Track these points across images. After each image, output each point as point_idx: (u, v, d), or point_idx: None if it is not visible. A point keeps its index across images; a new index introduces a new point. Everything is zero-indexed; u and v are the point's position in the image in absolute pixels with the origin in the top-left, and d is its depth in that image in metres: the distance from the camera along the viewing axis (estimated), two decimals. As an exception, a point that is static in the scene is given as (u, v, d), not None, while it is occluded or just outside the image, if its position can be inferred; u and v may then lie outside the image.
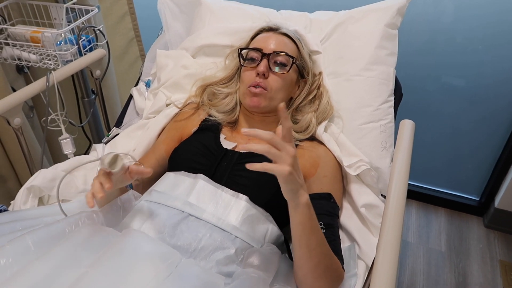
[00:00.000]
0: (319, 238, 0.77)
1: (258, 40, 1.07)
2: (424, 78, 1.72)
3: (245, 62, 1.04)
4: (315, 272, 0.77)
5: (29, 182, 1.03)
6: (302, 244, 0.76)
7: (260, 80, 0.99)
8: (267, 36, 1.06)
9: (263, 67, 0.98)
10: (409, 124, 0.99)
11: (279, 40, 1.04)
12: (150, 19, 1.71)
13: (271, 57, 1.01)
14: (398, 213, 0.73)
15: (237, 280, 0.74)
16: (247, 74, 1.02)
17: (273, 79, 1.00)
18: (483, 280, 1.64)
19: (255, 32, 1.10)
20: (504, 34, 1.52)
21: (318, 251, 0.77)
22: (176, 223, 0.81)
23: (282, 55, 1.01)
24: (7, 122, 1.17)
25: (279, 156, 0.67)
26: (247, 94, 1.02)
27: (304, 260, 0.77)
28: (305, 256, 0.77)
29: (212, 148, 0.98)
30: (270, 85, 1.00)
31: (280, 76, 1.01)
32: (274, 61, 1.01)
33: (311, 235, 0.76)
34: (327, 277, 0.79)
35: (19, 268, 0.65)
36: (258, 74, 0.99)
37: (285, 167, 0.67)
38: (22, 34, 1.34)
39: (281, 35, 1.06)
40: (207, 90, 1.15)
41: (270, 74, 1.00)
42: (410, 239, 1.81)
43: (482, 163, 1.84)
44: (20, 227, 0.82)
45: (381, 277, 0.62)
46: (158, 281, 0.66)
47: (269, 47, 1.02)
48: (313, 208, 0.76)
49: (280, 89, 1.01)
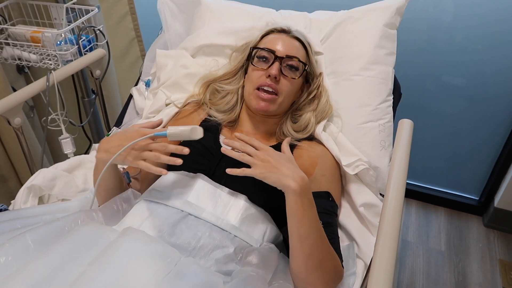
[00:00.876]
0: (312, 228, 0.78)
1: (270, 40, 1.04)
2: (424, 78, 1.73)
3: (254, 61, 1.03)
4: (307, 263, 0.78)
5: (30, 182, 1.04)
6: (293, 232, 0.79)
7: (271, 83, 0.98)
8: (279, 38, 1.04)
9: (275, 70, 0.97)
10: (407, 123, 0.99)
11: (292, 44, 1.03)
12: (150, 19, 1.71)
13: (283, 61, 1.00)
14: (396, 212, 0.74)
15: (236, 279, 0.74)
16: (257, 75, 1.01)
17: (283, 84, 1.00)
18: (483, 279, 1.64)
19: (266, 31, 1.08)
20: (504, 33, 1.52)
21: (310, 242, 0.78)
22: (175, 222, 0.81)
23: (295, 60, 1.00)
24: (8, 122, 1.18)
25: (251, 162, 0.80)
26: (254, 96, 1.01)
27: (295, 250, 0.79)
28: (296, 246, 0.79)
29: (212, 149, 0.98)
30: (281, 89, 0.99)
31: (290, 81, 1.00)
32: (286, 65, 1.00)
33: (302, 224, 0.78)
34: (322, 271, 0.79)
35: (19, 267, 0.66)
36: (270, 76, 0.98)
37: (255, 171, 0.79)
38: (23, 34, 1.34)
39: (293, 38, 1.05)
40: (210, 87, 1.15)
41: (281, 78, 0.99)
42: (409, 238, 1.81)
43: (482, 163, 1.84)
44: (20, 225, 0.82)
45: (379, 276, 0.62)
46: (157, 279, 0.66)
47: (282, 50, 1.00)
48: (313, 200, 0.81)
49: (289, 94, 1.02)
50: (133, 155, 0.81)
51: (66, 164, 1.13)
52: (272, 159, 0.80)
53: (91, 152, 1.24)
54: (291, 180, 0.77)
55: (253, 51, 1.04)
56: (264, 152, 0.81)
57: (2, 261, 0.66)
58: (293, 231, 0.79)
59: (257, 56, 1.02)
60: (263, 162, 0.80)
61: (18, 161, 1.52)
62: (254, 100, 1.01)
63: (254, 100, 1.01)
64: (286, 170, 0.79)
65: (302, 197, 0.78)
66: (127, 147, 0.80)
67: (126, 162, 0.82)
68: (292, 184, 0.77)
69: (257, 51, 1.03)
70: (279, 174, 0.78)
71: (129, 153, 0.81)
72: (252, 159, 0.80)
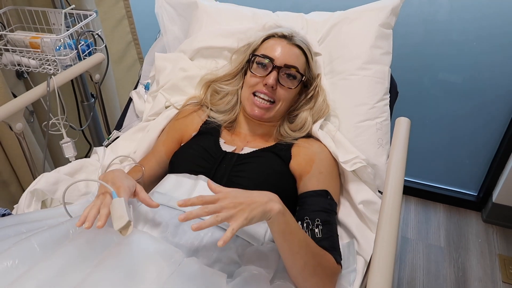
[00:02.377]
0: (301, 240, 0.78)
1: (269, 47, 1.04)
2: (421, 76, 1.74)
3: (253, 67, 1.03)
4: (303, 272, 0.78)
5: (32, 186, 1.05)
6: (285, 250, 0.77)
7: (267, 91, 1.00)
8: (279, 44, 1.03)
9: (272, 80, 0.98)
10: (404, 121, 1.00)
11: (291, 52, 1.02)
12: (147, 23, 1.72)
13: (281, 70, 1.00)
14: (394, 208, 0.75)
15: (238, 277, 0.76)
16: (254, 80, 1.02)
17: (280, 92, 1.01)
18: (482, 274, 1.65)
19: (268, 34, 1.08)
20: (500, 28, 1.53)
21: (302, 253, 0.77)
22: (178, 223, 0.82)
23: (293, 70, 1.01)
24: (9, 127, 1.19)
25: (227, 217, 0.70)
26: (250, 101, 1.02)
27: (291, 263, 0.79)
28: (290, 260, 0.78)
29: (212, 151, 1.00)
30: (278, 98, 1.01)
31: (287, 90, 1.02)
32: (284, 74, 1.01)
33: (292, 240, 0.77)
34: (318, 275, 0.79)
35: (26, 270, 0.67)
36: (266, 85, 0.99)
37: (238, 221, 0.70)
38: (22, 40, 1.35)
39: (294, 46, 1.04)
40: (211, 87, 1.16)
41: (278, 86, 1.00)
42: (409, 235, 1.83)
43: (480, 159, 1.86)
44: (25, 230, 0.83)
45: (379, 272, 0.63)
46: (162, 279, 0.68)
47: (281, 59, 1.00)
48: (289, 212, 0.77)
49: (286, 101, 1.03)
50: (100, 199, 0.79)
51: (68, 168, 1.14)
52: (239, 199, 0.72)
53: (92, 155, 1.25)
54: (272, 203, 0.74)
55: (252, 57, 1.05)
56: (227, 199, 0.72)
57: (9, 265, 0.67)
58: (285, 249, 0.77)
59: (256, 62, 1.03)
60: (236, 208, 0.71)
61: (19, 166, 1.53)
62: (249, 106, 1.02)
63: (249, 106, 1.02)
64: (260, 197, 0.74)
65: (285, 214, 0.76)
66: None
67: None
68: (276, 206, 0.74)
69: (255, 58, 1.04)
70: (259, 206, 0.72)
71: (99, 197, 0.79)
72: (226, 214, 0.70)
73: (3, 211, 0.99)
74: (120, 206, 0.75)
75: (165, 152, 1.08)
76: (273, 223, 0.75)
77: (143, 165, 1.06)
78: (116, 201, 0.76)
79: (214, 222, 0.69)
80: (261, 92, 1.00)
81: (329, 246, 0.85)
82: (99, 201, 0.77)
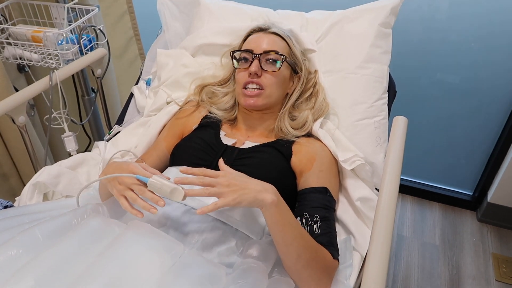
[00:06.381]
0: (296, 232, 0.79)
1: (249, 41, 1.10)
2: (419, 75, 1.76)
3: (238, 64, 1.07)
4: (297, 264, 0.80)
5: (35, 179, 1.06)
6: (278, 240, 0.79)
7: (254, 80, 1.02)
8: (257, 36, 1.08)
9: (254, 67, 1.01)
10: (402, 120, 1.02)
11: (269, 39, 1.07)
12: (149, 18, 1.73)
13: (262, 57, 1.03)
14: (390, 205, 0.76)
15: (238, 270, 0.77)
16: (241, 75, 1.05)
17: (266, 78, 1.03)
18: (476, 273, 1.68)
19: (246, 33, 1.13)
20: (499, 28, 1.54)
21: (295, 246, 0.79)
22: (179, 216, 0.84)
23: (272, 53, 1.04)
24: (12, 120, 1.20)
25: (218, 192, 0.74)
26: (242, 95, 1.05)
27: (284, 255, 0.80)
28: (283, 251, 0.80)
29: (213, 144, 1.01)
30: (264, 83, 1.03)
31: (272, 74, 1.04)
32: (265, 60, 1.04)
33: (285, 231, 0.78)
34: (312, 268, 0.81)
35: (29, 259, 0.68)
36: (251, 74, 1.02)
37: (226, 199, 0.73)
38: (23, 34, 1.36)
39: (271, 34, 1.09)
40: (205, 89, 1.18)
41: (263, 73, 1.03)
42: (405, 233, 1.85)
43: (476, 159, 1.88)
44: (28, 220, 0.84)
45: (374, 267, 0.64)
46: (162, 271, 0.69)
47: (260, 47, 1.04)
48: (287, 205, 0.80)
49: (275, 86, 1.04)
50: (118, 188, 0.80)
51: (70, 161, 1.15)
52: (236, 181, 0.76)
53: (93, 150, 1.26)
54: (265, 193, 0.76)
55: (233, 55, 1.08)
56: (225, 178, 0.76)
57: (13, 254, 0.68)
58: (278, 240, 0.79)
59: (239, 59, 1.07)
60: (229, 187, 0.74)
61: (19, 159, 1.54)
62: (242, 98, 1.05)
63: (242, 99, 1.05)
64: (255, 185, 0.76)
65: (279, 206, 0.78)
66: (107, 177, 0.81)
67: (112, 193, 0.82)
68: (269, 197, 0.75)
69: (239, 54, 1.08)
70: (252, 192, 0.75)
71: (115, 186, 0.80)
72: (217, 190, 0.74)
73: (5, 203, 1.00)
74: (160, 181, 0.75)
75: (166, 147, 1.10)
76: (266, 213, 0.77)
77: (144, 159, 1.07)
78: (152, 182, 0.76)
79: (202, 193, 0.74)
80: (249, 83, 1.03)
81: (327, 241, 0.87)
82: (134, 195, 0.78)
